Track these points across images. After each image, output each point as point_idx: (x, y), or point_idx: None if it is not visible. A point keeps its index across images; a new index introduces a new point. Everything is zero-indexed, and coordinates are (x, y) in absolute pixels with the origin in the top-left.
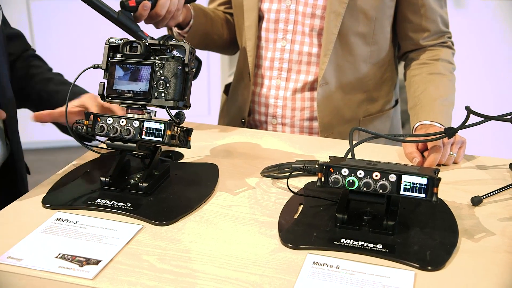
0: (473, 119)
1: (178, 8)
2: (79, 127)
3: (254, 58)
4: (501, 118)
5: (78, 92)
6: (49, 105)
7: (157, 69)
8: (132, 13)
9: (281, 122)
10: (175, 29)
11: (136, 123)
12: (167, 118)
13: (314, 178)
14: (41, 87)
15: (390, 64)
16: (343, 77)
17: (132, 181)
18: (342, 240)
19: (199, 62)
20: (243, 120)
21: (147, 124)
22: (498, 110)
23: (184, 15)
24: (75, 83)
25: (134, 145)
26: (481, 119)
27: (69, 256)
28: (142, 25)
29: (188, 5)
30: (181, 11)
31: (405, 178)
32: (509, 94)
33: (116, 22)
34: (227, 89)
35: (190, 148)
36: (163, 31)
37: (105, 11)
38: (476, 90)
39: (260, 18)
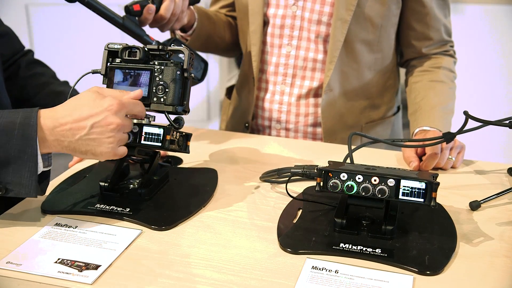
0: (471, 124)
1: (183, 10)
2: None
3: (259, 63)
4: (499, 123)
5: None
6: None
7: (156, 74)
8: (137, 18)
9: (285, 127)
10: (178, 32)
11: (135, 128)
12: (166, 123)
13: (313, 183)
14: (53, 102)
15: (393, 72)
16: (347, 84)
17: (131, 186)
18: (341, 244)
19: (205, 63)
20: (246, 124)
21: (146, 129)
22: (496, 115)
23: (188, 18)
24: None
25: (133, 150)
26: (479, 124)
27: (69, 261)
28: (147, 29)
29: (192, 7)
30: (186, 12)
31: (403, 182)
32: (507, 99)
33: (121, 27)
34: (228, 92)
35: (189, 153)
36: (168, 35)
37: (110, 17)
38: (474, 95)
39: (265, 23)
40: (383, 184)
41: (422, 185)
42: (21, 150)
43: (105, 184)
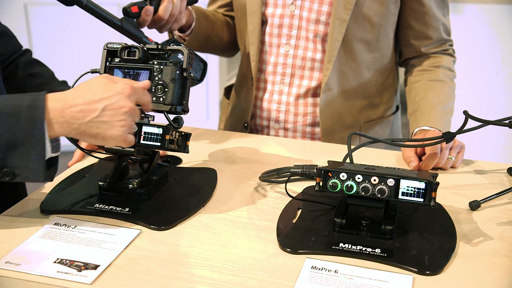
0: (471, 123)
1: (181, 11)
2: None
3: (257, 63)
4: (499, 122)
5: None
6: None
7: (155, 73)
8: (135, 19)
9: (283, 127)
10: (176, 33)
11: (134, 128)
12: (166, 122)
13: (313, 183)
14: None
15: (392, 71)
16: (346, 83)
17: (131, 185)
18: (341, 244)
19: (204, 64)
20: (245, 124)
21: (145, 129)
22: (496, 114)
23: (186, 18)
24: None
25: (133, 149)
26: (479, 123)
27: (68, 261)
28: (145, 30)
29: (190, 7)
30: (184, 13)
31: (403, 182)
32: (507, 99)
33: (120, 29)
34: (227, 91)
35: (188, 152)
36: (166, 35)
37: (108, 19)
38: (474, 95)
39: (263, 23)
40: (382, 184)
41: (421, 185)
42: (28, 133)
43: (104, 184)
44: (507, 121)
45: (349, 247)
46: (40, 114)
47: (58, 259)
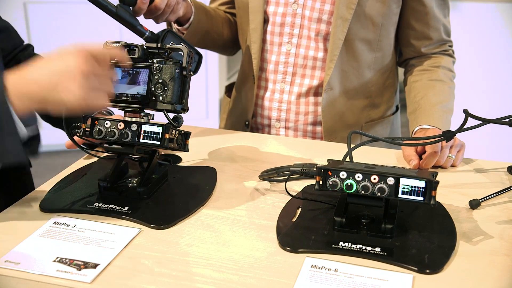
0: (471, 122)
1: (178, 2)
2: (77, 131)
3: (259, 61)
4: (499, 121)
5: None
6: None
7: (154, 72)
8: (131, 7)
9: (284, 126)
10: (174, 25)
11: (134, 127)
12: (165, 121)
13: (313, 182)
14: None
15: (392, 71)
16: (347, 82)
17: (130, 184)
18: (340, 243)
19: (199, 56)
20: (246, 123)
21: (145, 128)
22: (495, 113)
23: (184, 10)
24: None
25: (132, 148)
26: (479, 122)
27: (67, 260)
28: (142, 21)
29: (189, 1)
30: (181, 4)
31: (403, 181)
32: (507, 97)
33: (115, 16)
34: (228, 90)
35: (188, 151)
36: (163, 26)
37: (103, 5)
38: (473, 93)
39: (265, 21)
40: (382, 182)
41: (421, 184)
42: None
43: (104, 183)
44: (507, 120)
45: (349, 246)
46: (2, 97)
47: (57, 258)
